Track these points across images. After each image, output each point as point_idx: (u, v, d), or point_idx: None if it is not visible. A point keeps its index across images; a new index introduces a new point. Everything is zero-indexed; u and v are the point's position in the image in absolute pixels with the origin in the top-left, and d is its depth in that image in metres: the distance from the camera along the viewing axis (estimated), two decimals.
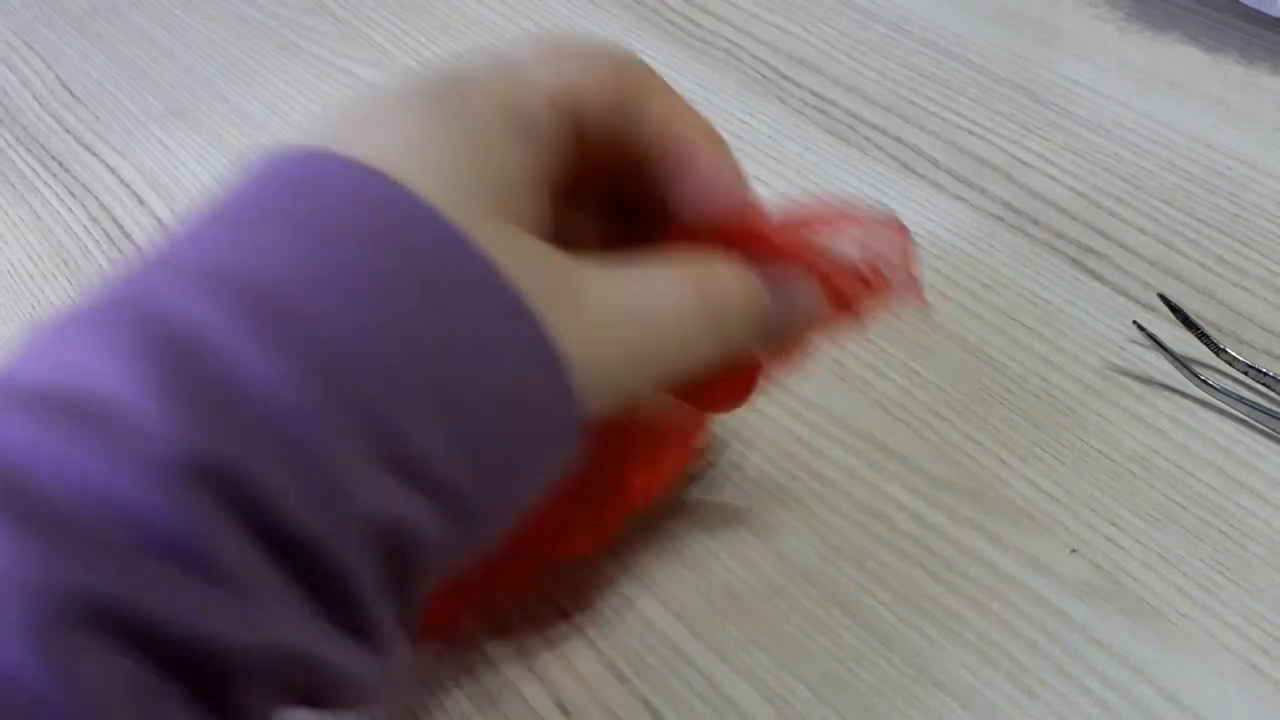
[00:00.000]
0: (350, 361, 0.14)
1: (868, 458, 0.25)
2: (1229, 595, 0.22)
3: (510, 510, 0.17)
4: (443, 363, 0.15)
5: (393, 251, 0.15)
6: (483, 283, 0.15)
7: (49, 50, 0.40)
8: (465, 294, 0.15)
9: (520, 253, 0.16)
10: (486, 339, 0.15)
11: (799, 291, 0.20)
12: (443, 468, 0.15)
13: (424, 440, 0.15)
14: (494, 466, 0.16)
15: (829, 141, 0.35)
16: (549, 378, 0.16)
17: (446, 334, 0.15)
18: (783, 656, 0.22)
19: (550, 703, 0.21)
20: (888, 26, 0.40)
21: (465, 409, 0.15)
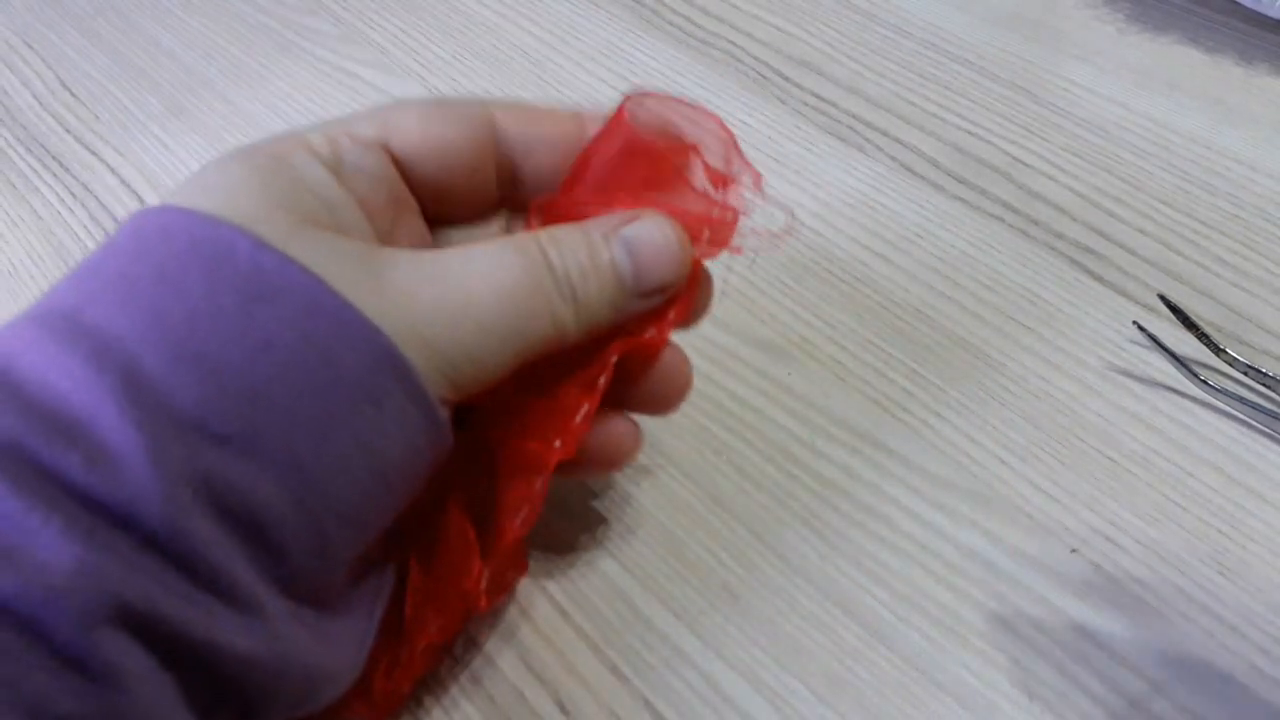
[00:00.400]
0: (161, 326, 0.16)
1: (868, 457, 0.25)
2: (1228, 595, 0.22)
3: (368, 483, 0.17)
4: (243, 336, 0.16)
5: (206, 265, 0.17)
6: (275, 269, 0.17)
7: (50, 50, 0.40)
8: (259, 279, 0.17)
9: (320, 243, 0.17)
10: (283, 313, 0.16)
11: (650, 231, 0.20)
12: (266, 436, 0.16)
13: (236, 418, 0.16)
14: (314, 427, 0.16)
15: (829, 142, 0.35)
16: (355, 337, 0.17)
17: (244, 318, 0.16)
18: (783, 656, 0.22)
19: (550, 703, 0.21)
20: (888, 28, 0.40)
21: (274, 377, 0.16)
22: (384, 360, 0.17)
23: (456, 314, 0.18)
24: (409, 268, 0.18)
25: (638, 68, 0.38)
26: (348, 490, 0.17)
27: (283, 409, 0.16)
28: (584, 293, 0.19)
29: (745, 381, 0.27)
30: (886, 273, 0.30)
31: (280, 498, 0.16)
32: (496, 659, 0.22)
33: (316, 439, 0.16)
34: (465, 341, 0.18)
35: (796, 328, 0.28)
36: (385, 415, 0.17)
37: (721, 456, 0.25)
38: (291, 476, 0.16)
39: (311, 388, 0.16)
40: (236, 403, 0.16)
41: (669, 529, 0.24)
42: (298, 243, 0.17)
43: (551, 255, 0.19)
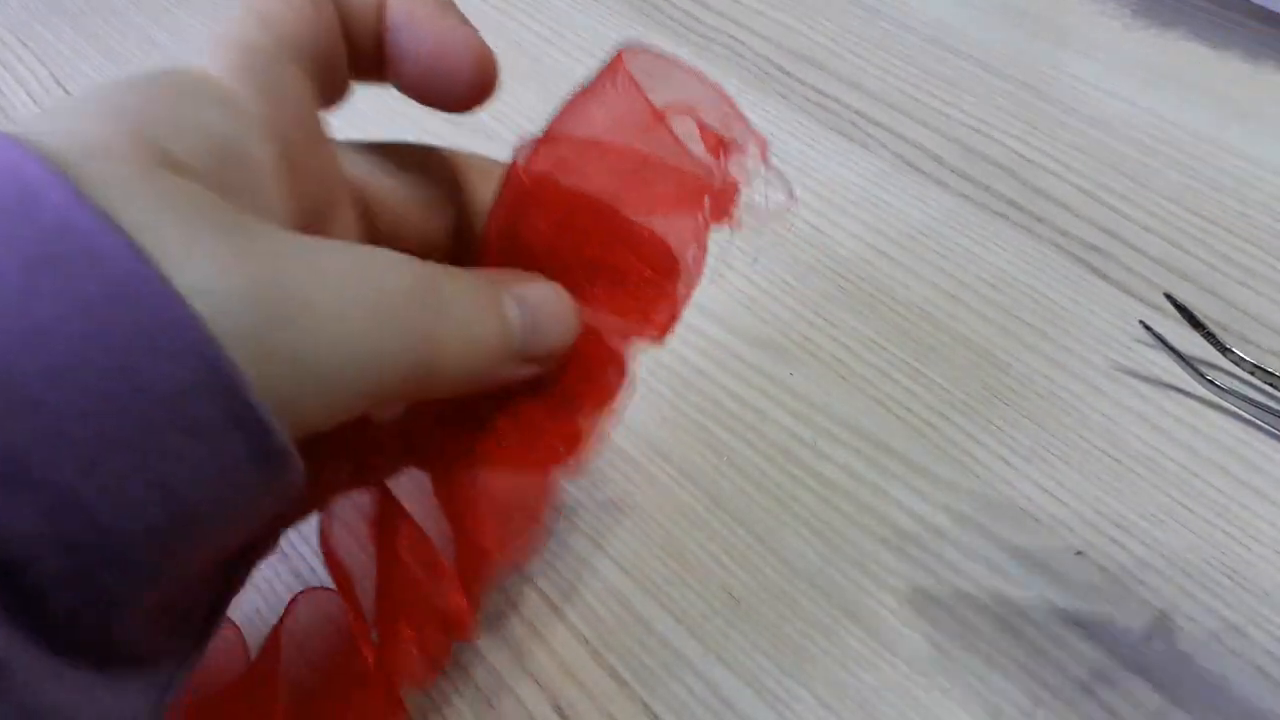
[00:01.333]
0: None
1: (870, 458, 0.25)
2: (1234, 597, 0.22)
3: (164, 528, 0.13)
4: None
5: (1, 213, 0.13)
6: (87, 230, 0.12)
7: (44, 48, 0.40)
8: (61, 240, 0.13)
9: (177, 197, 0.14)
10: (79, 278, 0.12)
11: (544, 293, 0.18)
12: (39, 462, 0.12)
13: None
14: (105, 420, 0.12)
15: (832, 138, 0.34)
16: (168, 333, 0.13)
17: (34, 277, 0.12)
18: (784, 660, 0.21)
19: (548, 707, 0.21)
20: (891, 23, 0.39)
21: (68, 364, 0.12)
22: (209, 380, 0.13)
23: (322, 311, 0.14)
24: (274, 241, 0.14)
25: None
26: (136, 534, 0.13)
27: (53, 422, 0.12)
28: (470, 334, 0.17)
29: (746, 381, 0.27)
30: (889, 270, 0.30)
31: (40, 534, 0.12)
32: (494, 663, 0.22)
33: (96, 467, 0.12)
34: (324, 349, 0.14)
35: (798, 326, 0.28)
36: (201, 449, 0.13)
37: (722, 457, 0.25)
38: (57, 511, 0.12)
39: (98, 399, 0.12)
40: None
41: (668, 530, 0.24)
42: (137, 191, 0.13)
43: (444, 280, 0.17)
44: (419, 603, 0.19)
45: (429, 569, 0.19)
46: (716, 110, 0.18)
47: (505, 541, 0.19)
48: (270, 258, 0.14)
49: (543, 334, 0.18)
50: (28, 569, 0.12)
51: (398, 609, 0.19)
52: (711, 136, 0.19)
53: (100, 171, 0.13)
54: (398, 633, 0.19)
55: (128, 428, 0.12)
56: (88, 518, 0.12)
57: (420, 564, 0.19)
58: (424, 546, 0.19)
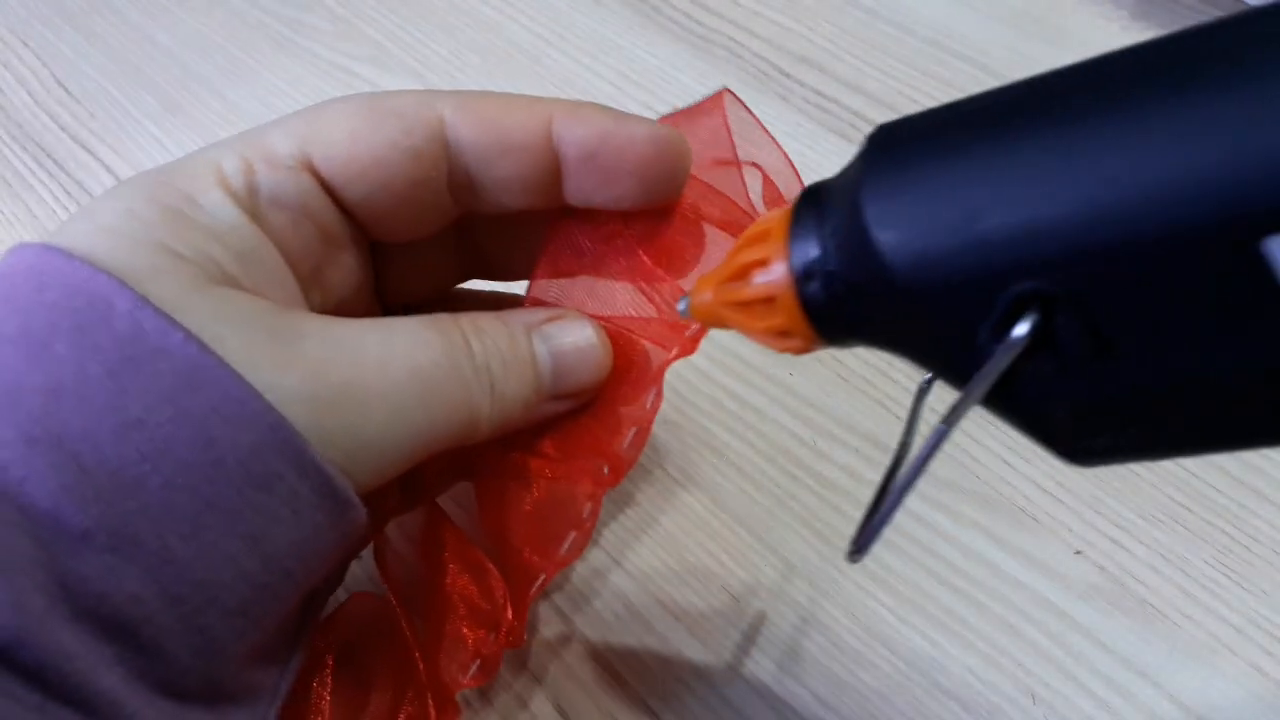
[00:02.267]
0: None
1: (869, 458, 0.25)
2: (1233, 597, 0.22)
3: (257, 574, 0.15)
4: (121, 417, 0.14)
5: (78, 324, 0.14)
6: (156, 333, 0.14)
7: (45, 48, 0.40)
8: (136, 344, 0.14)
9: (221, 304, 0.15)
10: (172, 393, 0.14)
11: (573, 332, 0.19)
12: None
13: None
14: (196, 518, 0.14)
15: (831, 140, 0.34)
16: (241, 414, 0.15)
17: (124, 398, 0.14)
18: (783, 659, 0.21)
19: (549, 707, 0.21)
20: (891, 24, 0.40)
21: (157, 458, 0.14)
22: (275, 441, 0.15)
23: (369, 395, 0.16)
24: (321, 339, 0.16)
25: (637, 64, 0.38)
26: (233, 582, 0.15)
27: (154, 497, 0.14)
28: (502, 385, 0.18)
29: (746, 381, 0.27)
30: None
31: (151, 595, 0.14)
32: None
33: (194, 529, 0.14)
34: (375, 426, 0.16)
35: None
36: (277, 501, 0.15)
37: (722, 457, 0.25)
38: (164, 571, 0.14)
39: (188, 472, 0.14)
40: (99, 491, 0.14)
41: (668, 530, 0.24)
42: (193, 303, 0.15)
43: (473, 341, 0.18)
44: (469, 609, 0.19)
45: (477, 576, 0.19)
46: (784, 174, 0.20)
47: (550, 553, 0.19)
48: (318, 358, 0.16)
49: (573, 374, 0.19)
50: (143, 626, 0.14)
51: (447, 615, 0.19)
52: (773, 191, 0.19)
53: (159, 289, 0.15)
54: (449, 638, 0.19)
55: (216, 492, 0.15)
56: (187, 573, 0.14)
57: (469, 571, 0.19)
58: (471, 554, 0.19)
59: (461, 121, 0.18)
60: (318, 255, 0.18)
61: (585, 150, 0.18)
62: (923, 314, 0.12)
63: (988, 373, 0.12)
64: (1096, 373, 0.11)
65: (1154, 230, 0.10)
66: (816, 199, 0.14)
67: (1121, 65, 0.11)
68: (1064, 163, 0.11)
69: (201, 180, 0.17)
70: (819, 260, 0.13)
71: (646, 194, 0.18)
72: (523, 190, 0.19)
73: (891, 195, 0.12)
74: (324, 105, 0.18)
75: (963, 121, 0.12)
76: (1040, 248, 0.11)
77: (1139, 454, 0.12)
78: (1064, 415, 0.12)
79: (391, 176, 0.18)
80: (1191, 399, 0.11)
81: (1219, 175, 0.10)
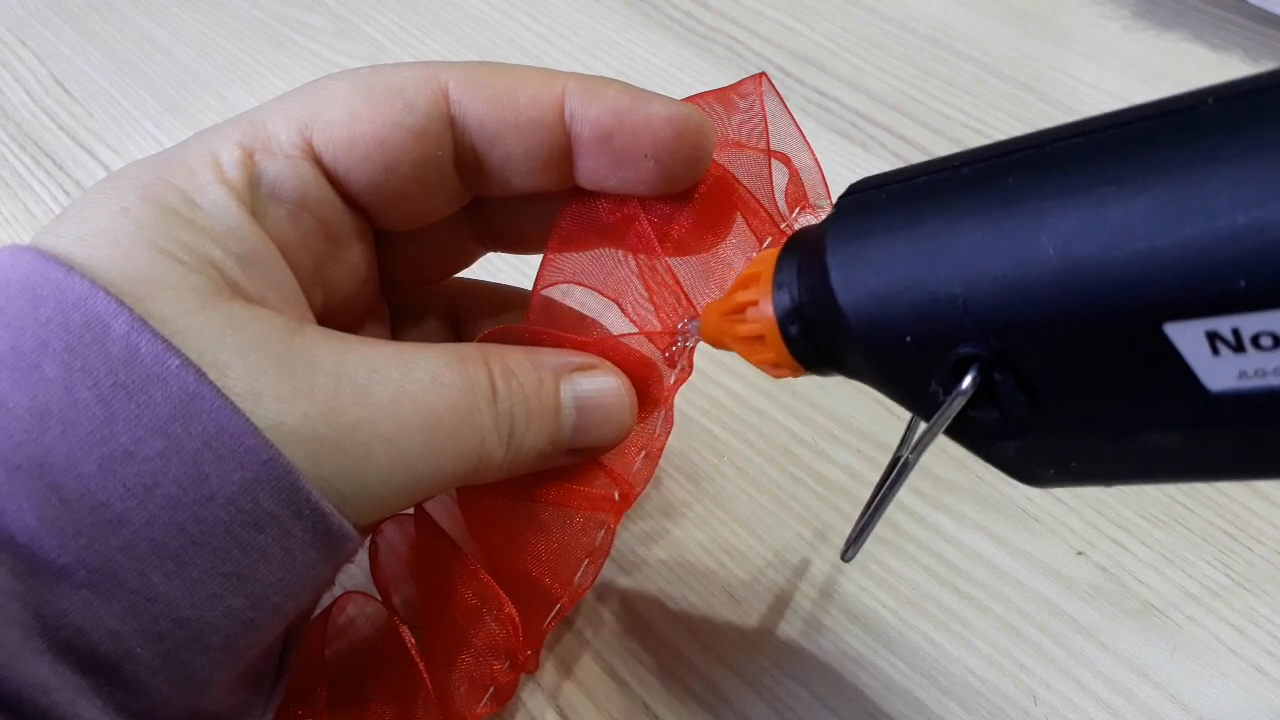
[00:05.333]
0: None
1: (870, 458, 0.25)
2: (1234, 597, 0.22)
3: (244, 611, 0.15)
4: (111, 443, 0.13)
5: (70, 344, 0.14)
6: (151, 358, 0.14)
7: (44, 47, 0.40)
8: (129, 368, 0.14)
9: (228, 322, 0.15)
10: (173, 432, 0.14)
11: (603, 387, 0.18)
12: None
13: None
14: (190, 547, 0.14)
15: (832, 139, 0.34)
16: (234, 449, 0.14)
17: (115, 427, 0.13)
18: (784, 660, 0.21)
19: (550, 708, 0.21)
20: (891, 23, 0.39)
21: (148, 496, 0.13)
22: (269, 478, 0.14)
23: (374, 439, 0.15)
24: (333, 370, 0.15)
25: (637, 63, 0.38)
26: (218, 620, 0.14)
27: (138, 534, 0.13)
28: (521, 434, 0.17)
29: (746, 381, 0.27)
30: None
31: (131, 632, 0.14)
32: None
33: (178, 567, 0.14)
34: (377, 471, 0.15)
35: None
36: (268, 539, 0.14)
37: (722, 457, 0.25)
38: (145, 609, 0.14)
39: (175, 509, 0.13)
40: (79, 526, 0.13)
41: (669, 531, 0.24)
42: (197, 324, 0.14)
43: (500, 385, 0.17)
44: (484, 640, 0.19)
45: (490, 605, 0.19)
46: (811, 174, 0.19)
47: (565, 577, 0.19)
48: (326, 394, 0.15)
49: (594, 431, 0.18)
50: (123, 661, 0.14)
51: (459, 644, 0.19)
52: (799, 190, 0.19)
53: (160, 307, 0.14)
54: (462, 668, 0.19)
55: (203, 530, 0.14)
56: (170, 610, 0.14)
57: (480, 599, 0.19)
58: (480, 580, 0.19)
59: (467, 97, 0.17)
60: (320, 251, 0.17)
61: (600, 130, 0.17)
62: (884, 362, 0.14)
63: (942, 416, 0.13)
64: (1033, 421, 0.13)
65: (1068, 310, 0.12)
66: (797, 248, 0.15)
67: (1047, 154, 0.12)
68: (997, 243, 0.12)
69: (199, 175, 0.16)
70: (797, 307, 0.15)
71: (664, 178, 0.17)
72: (532, 170, 0.17)
73: (853, 262, 0.13)
74: (324, 82, 0.17)
75: (916, 196, 0.13)
76: (974, 318, 0.12)
77: (1084, 482, 0.14)
78: (1012, 451, 0.14)
79: (396, 159, 0.17)
80: (1118, 447, 0.13)
81: (1119, 268, 0.11)
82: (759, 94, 0.18)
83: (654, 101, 0.17)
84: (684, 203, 0.18)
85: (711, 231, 0.18)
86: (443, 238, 0.20)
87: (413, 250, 0.20)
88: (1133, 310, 0.11)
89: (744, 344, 0.16)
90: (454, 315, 0.22)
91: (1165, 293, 0.11)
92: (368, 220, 0.18)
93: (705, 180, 0.18)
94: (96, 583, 0.13)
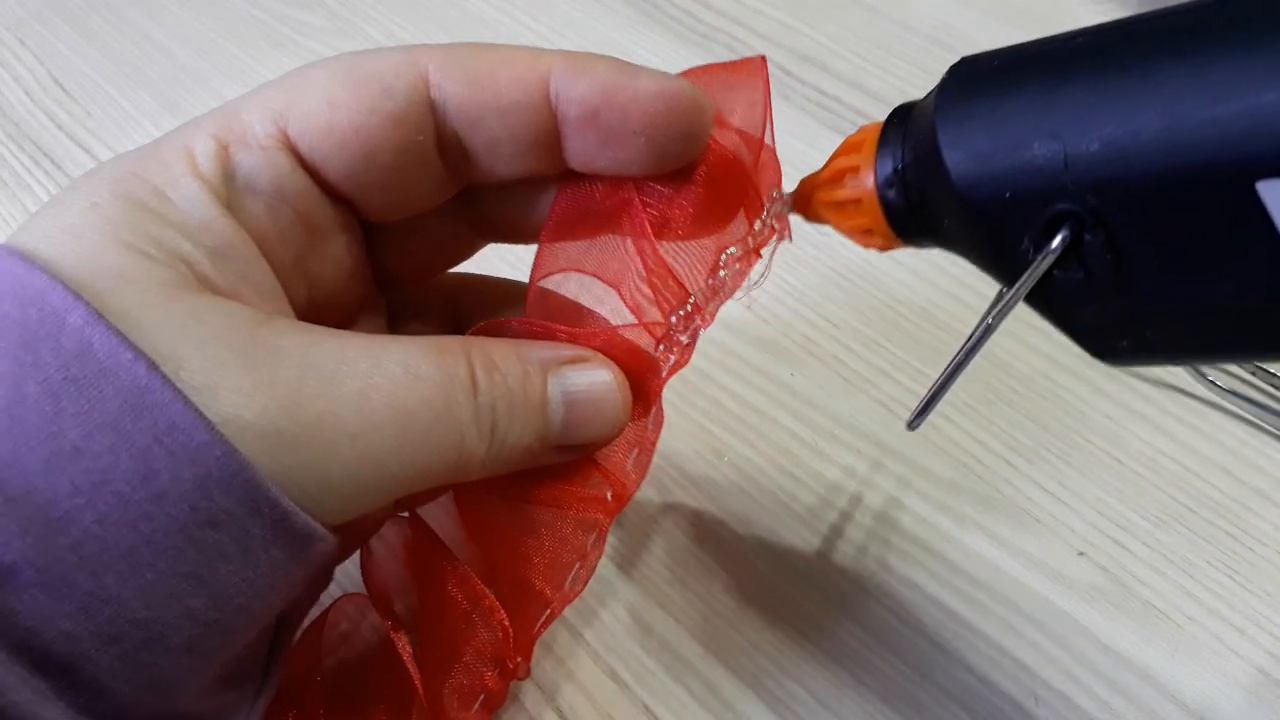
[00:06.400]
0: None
1: (871, 459, 0.25)
2: (1236, 598, 0.22)
3: (207, 612, 0.14)
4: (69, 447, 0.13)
5: (23, 338, 0.13)
6: (105, 353, 0.13)
7: (42, 46, 0.40)
8: (82, 363, 0.13)
9: (191, 315, 0.14)
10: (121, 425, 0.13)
11: (594, 381, 0.17)
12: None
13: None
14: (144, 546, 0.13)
15: (833, 138, 0.34)
16: (187, 446, 0.13)
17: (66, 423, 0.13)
18: (784, 661, 0.21)
19: (549, 709, 0.21)
20: (893, 23, 0.39)
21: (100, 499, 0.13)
22: (222, 475, 0.13)
23: (339, 433, 0.14)
24: (297, 361, 0.14)
25: (637, 62, 0.38)
26: (178, 621, 0.14)
27: (87, 533, 0.13)
28: (505, 430, 0.16)
29: (746, 381, 0.27)
30: (891, 271, 0.30)
31: (85, 633, 0.13)
32: None
33: (131, 567, 0.13)
34: (341, 468, 0.14)
35: (799, 327, 0.28)
36: (225, 538, 0.14)
37: (722, 458, 0.25)
38: (98, 610, 0.13)
39: (125, 507, 0.13)
40: (26, 525, 0.13)
41: (668, 532, 0.24)
42: (157, 317, 0.14)
43: (480, 377, 0.16)
44: (475, 648, 0.19)
45: (481, 612, 0.18)
46: (769, 170, 0.18)
47: (556, 581, 0.19)
48: (289, 386, 0.14)
49: (585, 427, 0.17)
50: (79, 663, 0.13)
51: (451, 651, 0.19)
52: (757, 194, 0.18)
53: (121, 301, 0.14)
54: (453, 675, 0.18)
55: (155, 529, 0.13)
56: (125, 612, 0.13)
57: (472, 606, 0.19)
58: (473, 587, 0.18)
59: (448, 79, 0.16)
60: (299, 245, 0.17)
61: (586, 108, 0.16)
62: (980, 222, 0.14)
63: (1029, 275, 0.14)
64: (1116, 285, 0.14)
65: (1166, 168, 0.12)
66: (903, 117, 0.16)
67: (1155, 26, 0.13)
68: (1104, 101, 0.13)
69: (172, 169, 0.15)
70: (898, 171, 0.16)
71: (657, 156, 0.16)
72: (518, 154, 0.17)
73: (960, 122, 0.14)
74: (303, 70, 0.17)
75: (1025, 63, 0.14)
76: (1074, 176, 0.13)
77: (1157, 358, 0.14)
78: (1090, 317, 0.14)
79: (374, 146, 0.16)
80: (1196, 316, 0.13)
81: (1220, 126, 0.12)
82: (763, 77, 0.18)
83: (643, 76, 0.16)
84: (684, 184, 0.17)
85: (714, 215, 0.18)
86: (436, 229, 0.19)
87: (406, 243, 0.19)
88: (1228, 165, 0.11)
89: (837, 209, 0.17)
90: (456, 312, 0.22)
91: (1261, 148, 0.11)
92: (352, 211, 0.18)
93: (708, 160, 0.17)
94: (46, 582, 0.13)
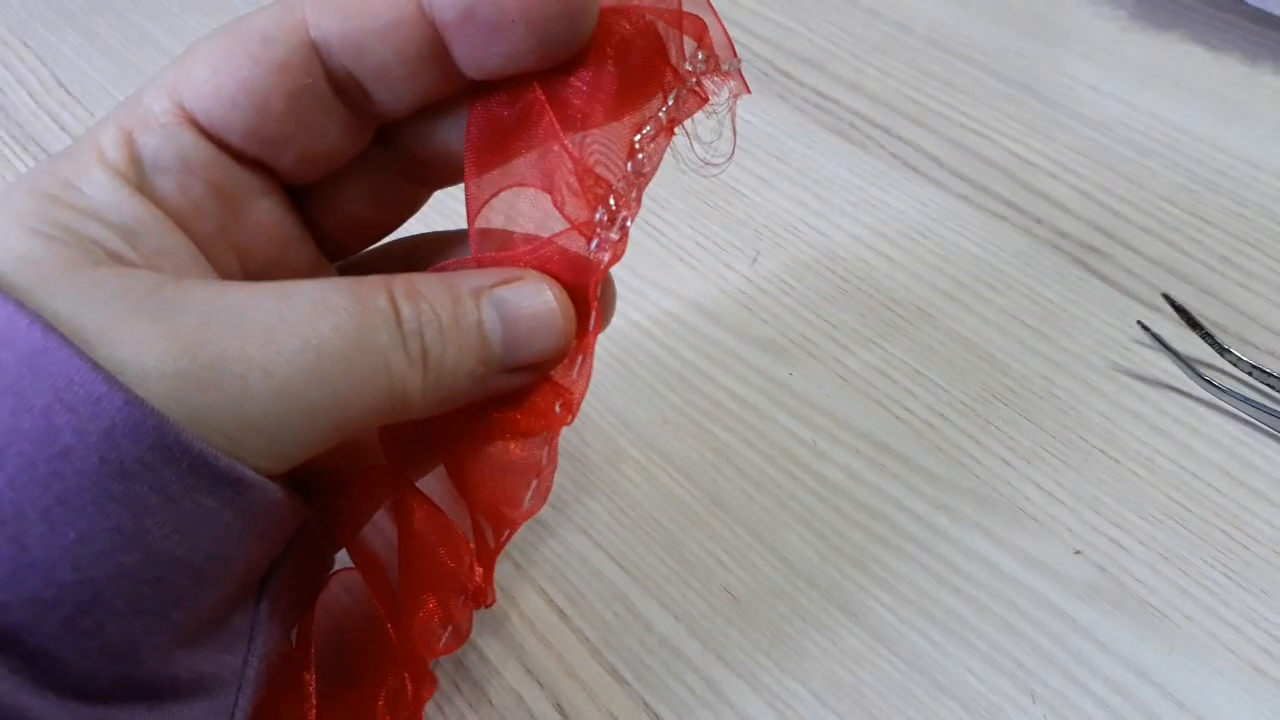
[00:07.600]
0: None
1: (870, 458, 0.25)
2: (1232, 596, 0.22)
3: (146, 570, 0.14)
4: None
5: None
6: (3, 322, 0.14)
7: (45, 48, 0.40)
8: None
9: (94, 285, 0.14)
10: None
11: (531, 297, 0.17)
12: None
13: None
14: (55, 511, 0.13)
15: (831, 140, 0.35)
16: (85, 399, 0.13)
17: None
18: (784, 659, 0.21)
19: (550, 706, 0.21)
20: (890, 24, 0.40)
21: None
22: (127, 424, 0.13)
23: (249, 369, 0.14)
24: (203, 310, 0.14)
25: None
26: (114, 579, 0.14)
27: (2, 498, 0.13)
28: (439, 356, 0.16)
29: (746, 381, 0.27)
30: (889, 271, 0.30)
31: (18, 602, 0.13)
32: (495, 662, 0.22)
33: (50, 529, 0.13)
34: (258, 404, 0.14)
35: (797, 327, 0.28)
36: (144, 488, 0.14)
37: (722, 457, 0.25)
38: (26, 577, 0.13)
39: (32, 469, 0.13)
40: None
41: (668, 530, 0.24)
42: (59, 288, 0.14)
43: (403, 306, 0.16)
44: (439, 574, 0.19)
45: (446, 540, 0.19)
46: (718, 34, 0.17)
47: (515, 500, 0.18)
48: (194, 328, 0.14)
49: (529, 344, 0.17)
50: (22, 633, 0.13)
51: (419, 583, 0.19)
52: (714, 63, 0.17)
53: (21, 278, 0.14)
54: (421, 605, 0.19)
55: (68, 487, 0.13)
56: (55, 575, 0.13)
57: (437, 536, 0.19)
58: (438, 519, 0.19)
59: (323, 16, 0.16)
60: (219, 215, 0.17)
61: (460, 7, 0.16)
62: None
63: None
64: None
65: None
66: None
67: None
68: None
69: (81, 161, 0.16)
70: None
71: (542, 41, 0.16)
72: (411, 74, 0.17)
73: None
74: (193, 44, 0.17)
75: None
76: None
77: None
78: None
79: (265, 99, 0.16)
80: None
81: None
82: None
83: None
84: (586, 69, 0.17)
85: (629, 96, 0.17)
86: (367, 183, 0.19)
87: (339, 203, 0.19)
88: None
89: None
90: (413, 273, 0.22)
91: None
92: (270, 175, 0.18)
93: (608, 39, 0.17)
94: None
